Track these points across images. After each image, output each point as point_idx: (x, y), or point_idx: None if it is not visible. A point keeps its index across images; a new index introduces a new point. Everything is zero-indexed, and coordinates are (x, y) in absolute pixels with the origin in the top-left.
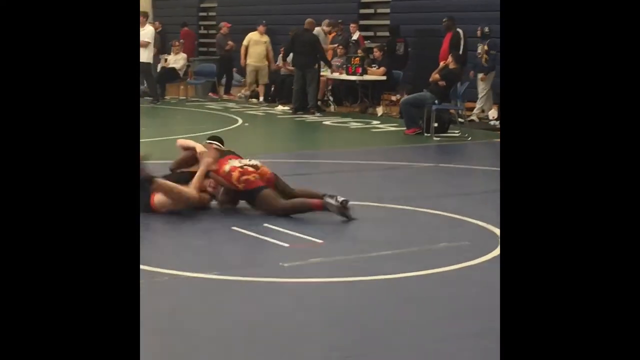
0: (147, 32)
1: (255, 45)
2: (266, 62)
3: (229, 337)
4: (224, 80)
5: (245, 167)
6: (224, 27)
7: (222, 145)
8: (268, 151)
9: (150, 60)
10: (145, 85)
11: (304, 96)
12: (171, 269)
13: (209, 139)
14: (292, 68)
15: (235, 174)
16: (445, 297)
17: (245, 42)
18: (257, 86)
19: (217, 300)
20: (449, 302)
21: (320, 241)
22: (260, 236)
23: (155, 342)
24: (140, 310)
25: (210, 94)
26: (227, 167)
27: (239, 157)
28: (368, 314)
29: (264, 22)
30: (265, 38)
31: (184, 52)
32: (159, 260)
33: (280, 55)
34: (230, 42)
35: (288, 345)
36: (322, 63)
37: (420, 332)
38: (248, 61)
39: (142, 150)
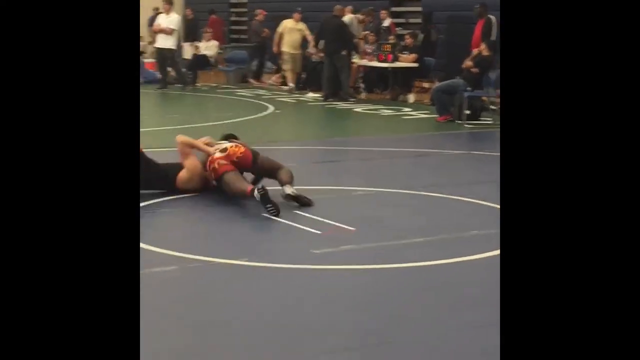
0: (172, 20)
1: (290, 32)
2: (300, 50)
3: (252, 322)
4: (256, 66)
5: (214, 154)
6: (260, 14)
7: (236, 139)
8: (299, 138)
9: (175, 47)
10: (171, 72)
11: (334, 83)
12: (202, 255)
13: (222, 138)
14: (323, 55)
15: (207, 163)
16: (475, 285)
17: (279, 29)
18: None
19: (246, 286)
20: (480, 290)
21: (351, 228)
22: (292, 223)
23: (182, 327)
24: (170, 296)
25: (248, 79)
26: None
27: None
28: (396, 301)
29: (299, 9)
30: (301, 25)
31: (214, 39)
32: (190, 247)
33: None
34: (265, 29)
35: (310, 332)
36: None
37: (446, 319)
38: (283, 49)
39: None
